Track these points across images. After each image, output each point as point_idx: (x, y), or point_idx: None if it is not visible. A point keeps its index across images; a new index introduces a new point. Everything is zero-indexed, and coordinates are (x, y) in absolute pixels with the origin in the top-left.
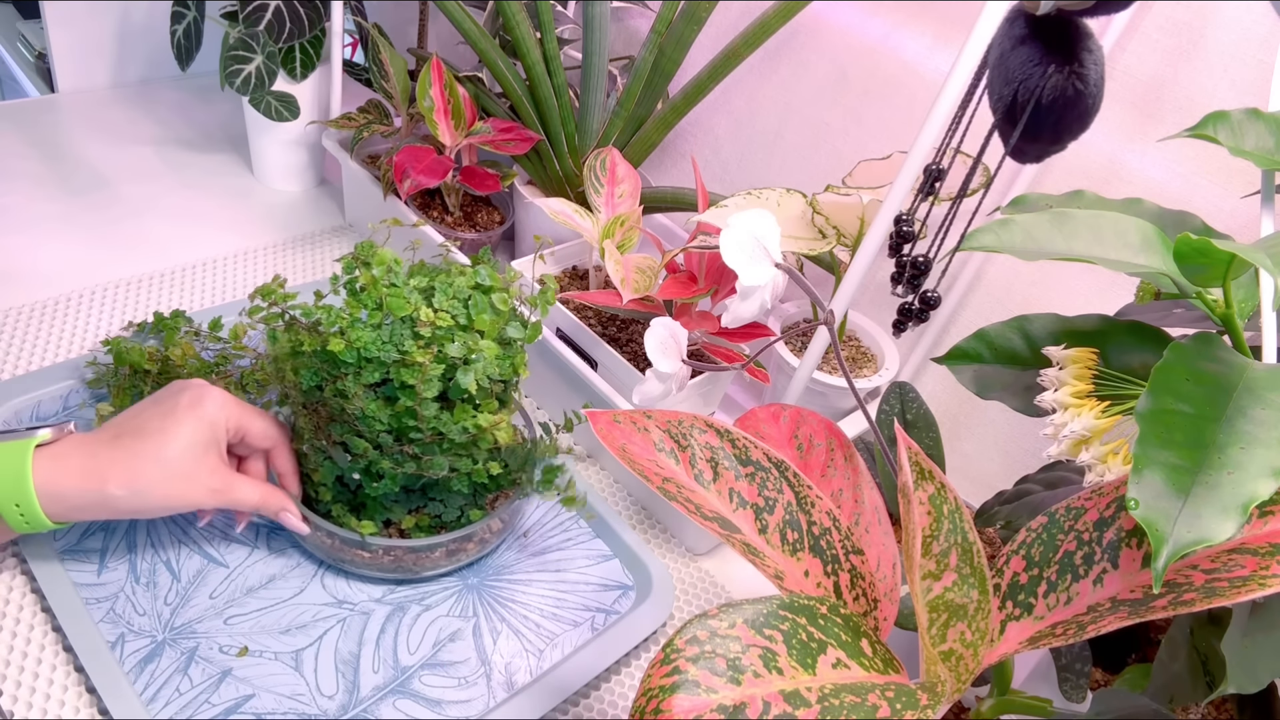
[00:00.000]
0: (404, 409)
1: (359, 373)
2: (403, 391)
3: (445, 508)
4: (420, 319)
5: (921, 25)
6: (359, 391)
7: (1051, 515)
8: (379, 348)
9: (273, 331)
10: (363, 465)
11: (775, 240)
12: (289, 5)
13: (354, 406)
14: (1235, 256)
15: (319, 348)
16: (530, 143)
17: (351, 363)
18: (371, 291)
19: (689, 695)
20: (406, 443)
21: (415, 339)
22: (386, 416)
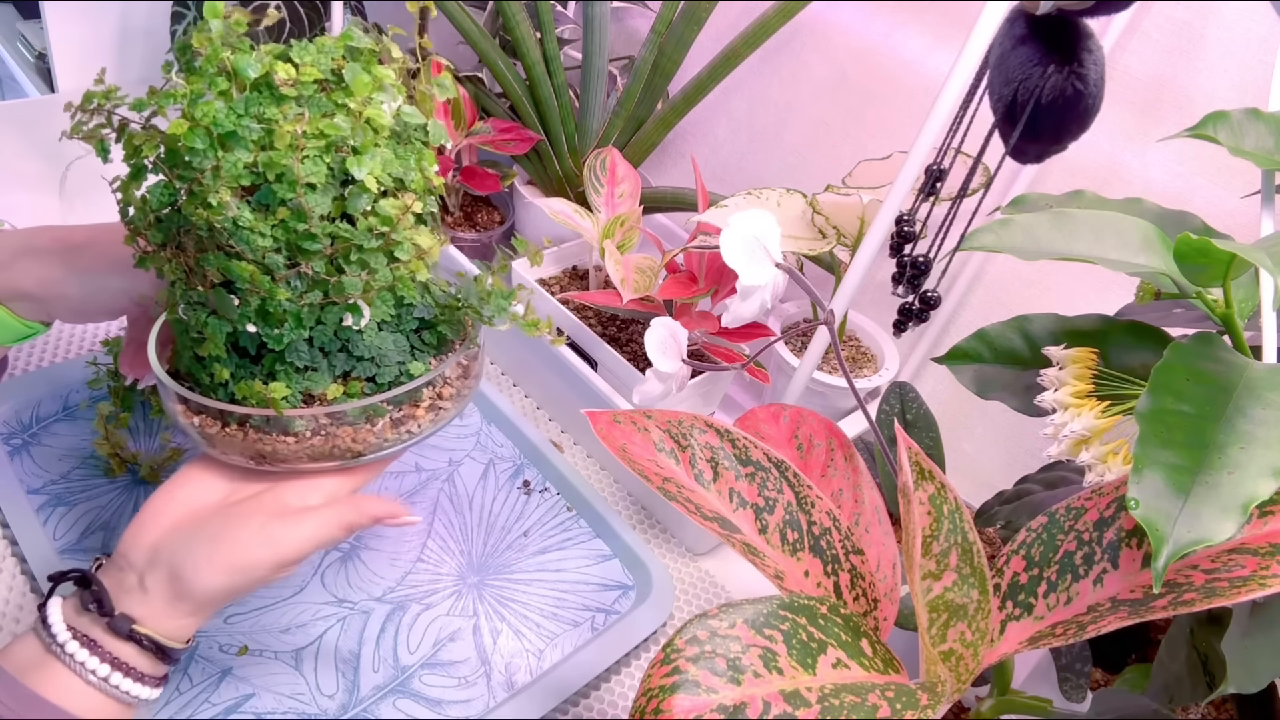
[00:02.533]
0: (289, 212)
1: (218, 167)
2: (279, 185)
3: (379, 367)
4: (279, 76)
5: (921, 25)
6: (225, 194)
7: (1051, 515)
8: (234, 121)
9: (101, 143)
10: (255, 306)
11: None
12: (289, 5)
13: (222, 217)
14: (1235, 256)
15: (167, 148)
16: (530, 143)
17: (204, 149)
18: (211, 57)
19: (689, 695)
20: (302, 260)
21: (278, 103)
22: (269, 227)
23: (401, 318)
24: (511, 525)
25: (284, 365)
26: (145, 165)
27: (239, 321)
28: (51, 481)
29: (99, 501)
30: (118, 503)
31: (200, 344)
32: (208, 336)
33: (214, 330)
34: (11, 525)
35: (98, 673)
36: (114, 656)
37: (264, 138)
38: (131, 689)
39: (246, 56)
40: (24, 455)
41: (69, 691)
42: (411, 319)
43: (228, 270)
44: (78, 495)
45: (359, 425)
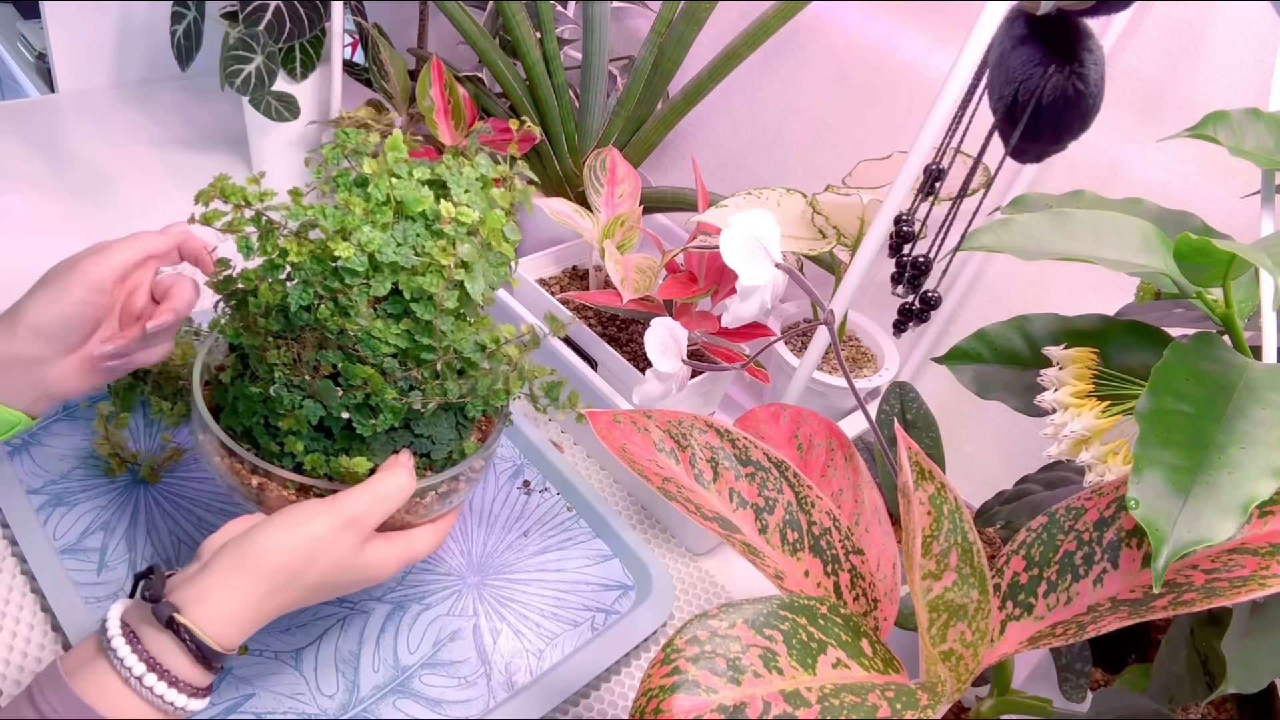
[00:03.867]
0: (416, 325)
1: (368, 283)
2: (419, 304)
3: (434, 444)
4: (443, 214)
5: (921, 25)
6: (365, 307)
7: (1051, 515)
8: (395, 251)
9: (244, 240)
10: (358, 399)
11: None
12: (289, 5)
13: (357, 326)
14: (1235, 256)
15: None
16: (530, 143)
17: (359, 272)
18: (379, 184)
19: (689, 695)
20: (415, 366)
21: (434, 238)
22: (393, 336)
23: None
24: (511, 525)
25: (361, 445)
26: (282, 264)
27: (335, 409)
28: (51, 481)
29: (99, 501)
30: (118, 503)
31: (282, 418)
32: (295, 416)
33: (308, 413)
34: (11, 525)
35: (134, 671)
36: (150, 656)
37: (414, 268)
38: (165, 693)
39: (410, 188)
40: (24, 455)
41: (108, 693)
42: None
43: (346, 370)
44: (78, 495)
45: (414, 500)
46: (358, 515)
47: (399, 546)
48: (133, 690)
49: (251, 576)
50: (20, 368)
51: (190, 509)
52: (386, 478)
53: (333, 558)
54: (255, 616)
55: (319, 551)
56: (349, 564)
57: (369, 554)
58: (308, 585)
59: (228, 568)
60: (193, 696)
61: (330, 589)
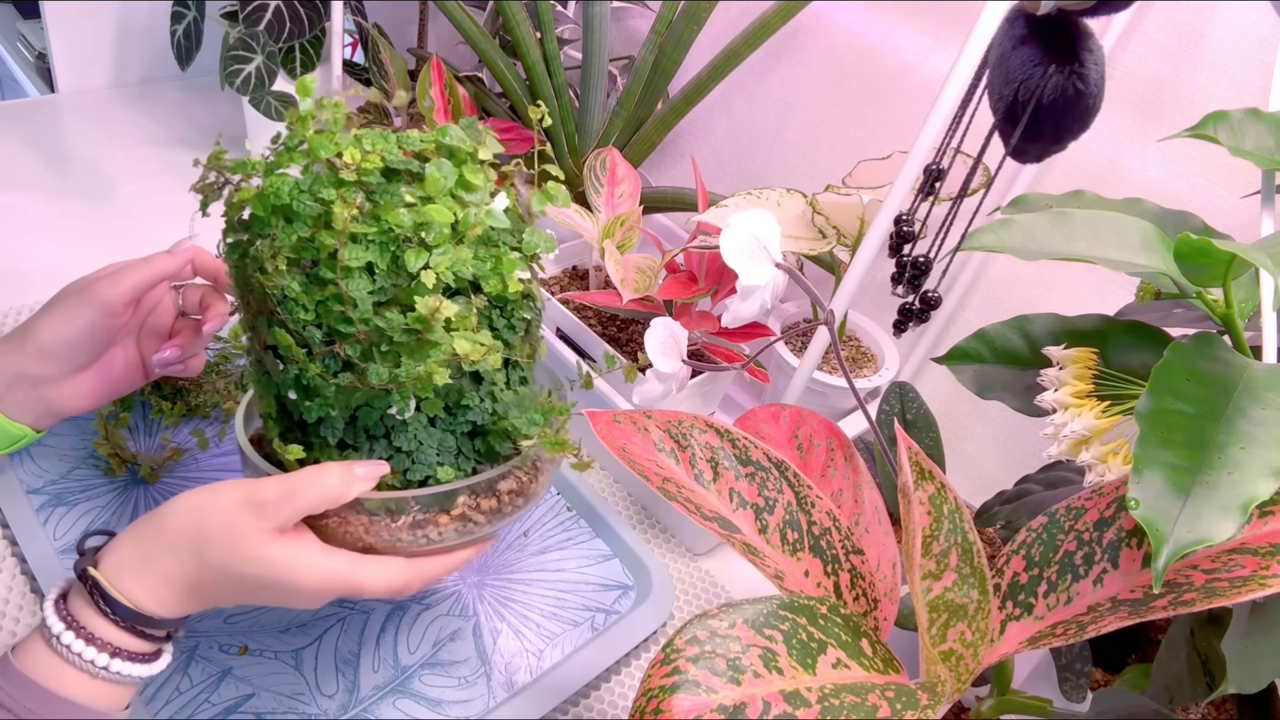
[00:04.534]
0: (332, 293)
1: (274, 237)
2: (325, 265)
3: (412, 463)
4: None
5: (921, 25)
6: (280, 263)
7: (1052, 515)
8: (293, 196)
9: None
10: (293, 375)
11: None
12: (289, 5)
13: (273, 285)
14: (1235, 256)
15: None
16: (530, 143)
17: (266, 218)
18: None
19: (689, 695)
20: (337, 340)
21: (337, 186)
22: (312, 303)
23: (456, 417)
24: (511, 525)
25: (319, 438)
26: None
27: (281, 388)
28: (51, 481)
29: (99, 501)
30: (118, 503)
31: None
32: (262, 393)
33: (264, 389)
34: (11, 525)
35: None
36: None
37: (322, 217)
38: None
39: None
40: (24, 455)
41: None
42: (465, 420)
43: (271, 336)
44: (78, 495)
45: (377, 517)
46: (264, 500)
47: (332, 560)
48: (55, 653)
49: (153, 533)
50: (27, 385)
51: None
52: (310, 472)
53: (229, 537)
54: (164, 580)
55: (212, 522)
56: (250, 553)
57: (279, 550)
58: (211, 564)
59: (138, 526)
60: (116, 657)
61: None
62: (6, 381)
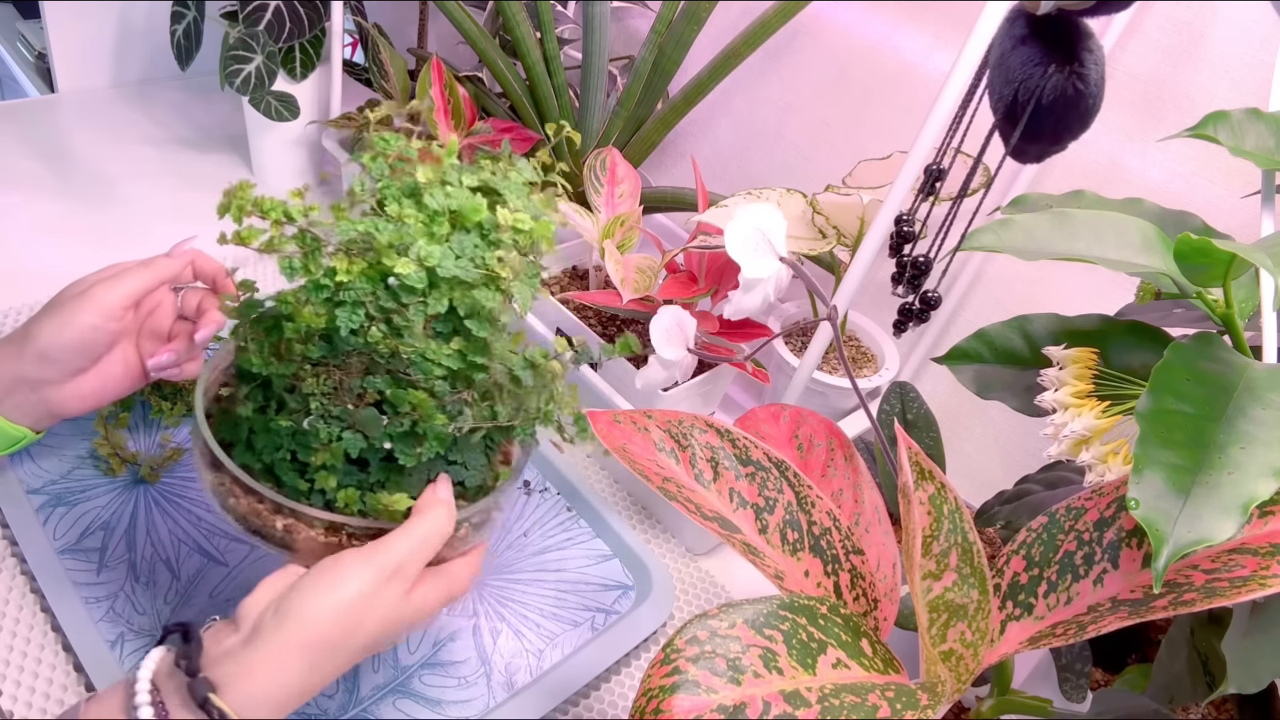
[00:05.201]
0: (469, 343)
1: (425, 302)
2: (474, 320)
3: (468, 471)
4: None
5: (921, 25)
6: (421, 328)
7: (1052, 515)
8: (455, 264)
9: (287, 261)
10: (404, 427)
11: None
12: (289, 5)
13: (411, 348)
14: (1235, 256)
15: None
16: (530, 143)
17: (418, 289)
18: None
19: (689, 695)
20: (465, 387)
21: (490, 248)
22: (445, 357)
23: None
24: (511, 525)
25: (398, 476)
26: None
27: (379, 439)
28: (51, 481)
29: (99, 501)
30: (118, 503)
31: (314, 452)
32: (331, 450)
33: (347, 445)
34: (11, 525)
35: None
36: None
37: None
38: None
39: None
40: (24, 455)
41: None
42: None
43: (395, 396)
44: (78, 495)
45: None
46: (401, 564)
47: (440, 586)
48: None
49: (296, 651)
50: (27, 388)
51: (190, 509)
52: (427, 518)
53: (380, 615)
54: (298, 696)
55: (365, 612)
56: (397, 617)
57: (415, 601)
58: (353, 650)
59: (270, 642)
60: None
61: (375, 647)
62: (6, 384)
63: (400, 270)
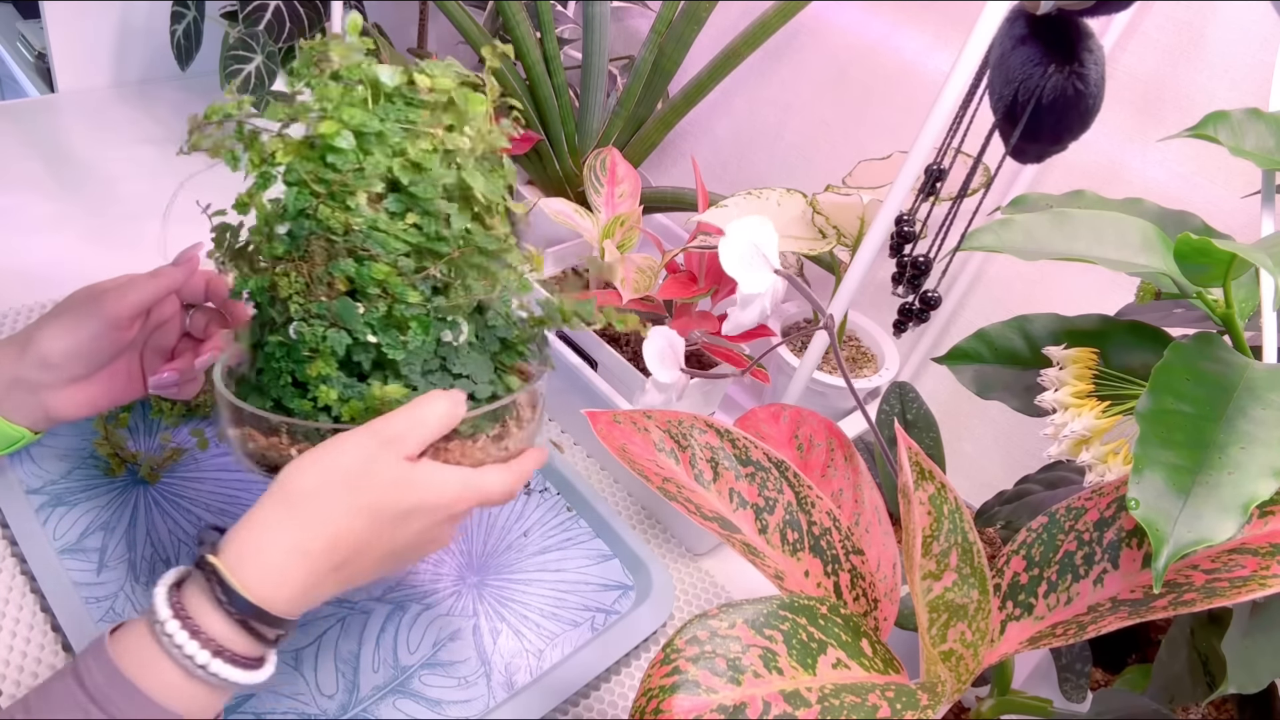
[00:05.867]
0: (420, 216)
1: (361, 169)
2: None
3: (475, 384)
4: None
5: (921, 25)
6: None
7: (1052, 515)
8: (380, 124)
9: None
10: (381, 313)
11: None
12: (289, 5)
13: (360, 220)
14: (1236, 256)
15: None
16: (530, 143)
17: (347, 152)
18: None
19: (689, 695)
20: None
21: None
22: (401, 230)
23: (485, 339)
24: (511, 525)
25: (398, 380)
26: (273, 174)
27: (360, 331)
28: (51, 481)
29: (99, 501)
30: (118, 503)
31: (308, 363)
32: (322, 353)
33: (332, 343)
34: (11, 525)
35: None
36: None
37: (403, 142)
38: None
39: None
40: (24, 455)
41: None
42: (495, 340)
43: (359, 275)
44: (78, 495)
45: (465, 441)
46: (396, 434)
47: (462, 471)
48: (156, 641)
49: (280, 504)
50: (25, 390)
51: (190, 509)
52: (425, 400)
53: (371, 475)
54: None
55: (359, 473)
56: (399, 480)
57: (422, 472)
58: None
59: (261, 504)
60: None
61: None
62: (5, 385)
63: (323, 131)
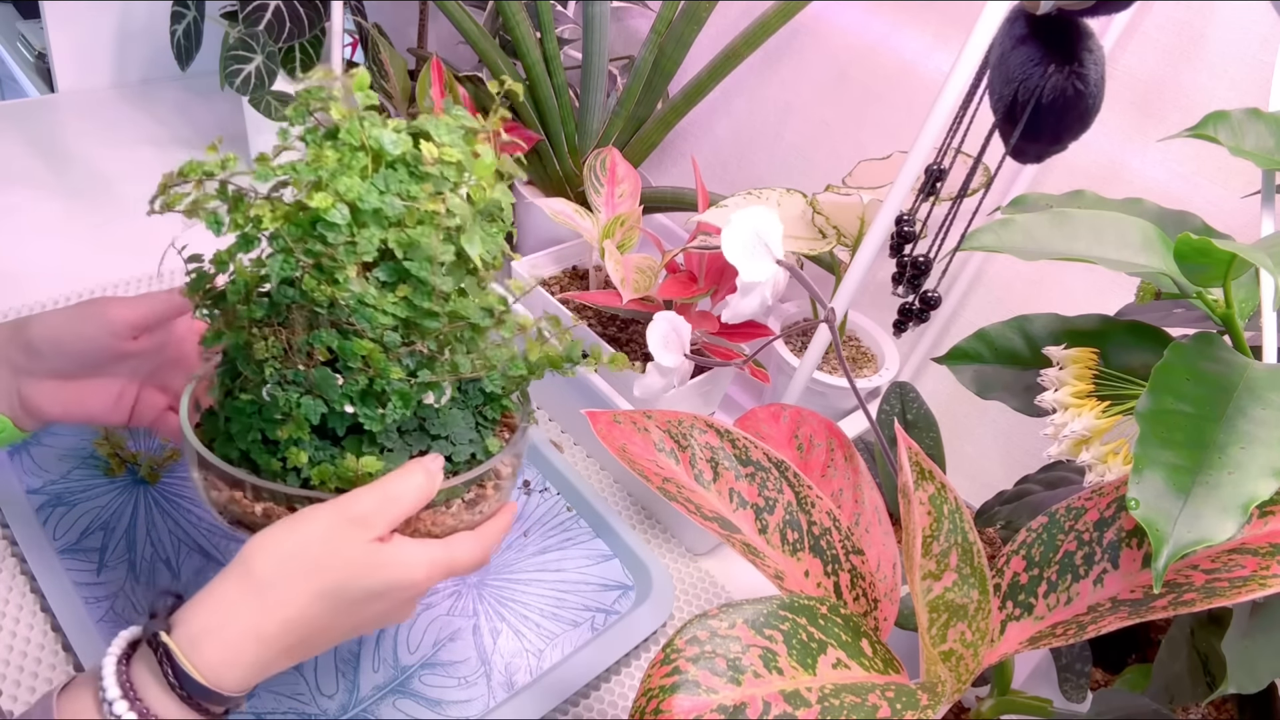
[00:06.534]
0: (414, 289)
1: (353, 241)
2: (414, 262)
3: (454, 445)
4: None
5: (921, 25)
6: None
7: (1052, 515)
8: (379, 198)
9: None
10: (361, 385)
11: (777, 237)
12: (289, 5)
13: (348, 294)
14: (1236, 256)
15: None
16: (530, 143)
17: (340, 226)
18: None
19: (689, 695)
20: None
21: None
22: (389, 304)
23: (468, 393)
24: (511, 525)
25: (372, 448)
26: (259, 237)
27: (338, 402)
28: (51, 481)
29: (99, 501)
30: (118, 503)
31: (279, 426)
32: (294, 418)
33: (306, 411)
34: (11, 525)
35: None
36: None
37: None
38: None
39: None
40: (24, 455)
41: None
42: (477, 393)
43: (342, 349)
44: (78, 495)
45: (438, 509)
46: (364, 514)
47: (430, 548)
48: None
49: (238, 584)
50: (8, 370)
51: (190, 509)
52: (398, 476)
53: (344, 559)
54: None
55: (321, 554)
56: (364, 563)
57: (389, 553)
58: (321, 594)
59: (219, 580)
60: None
61: (354, 603)
62: None
63: (317, 204)
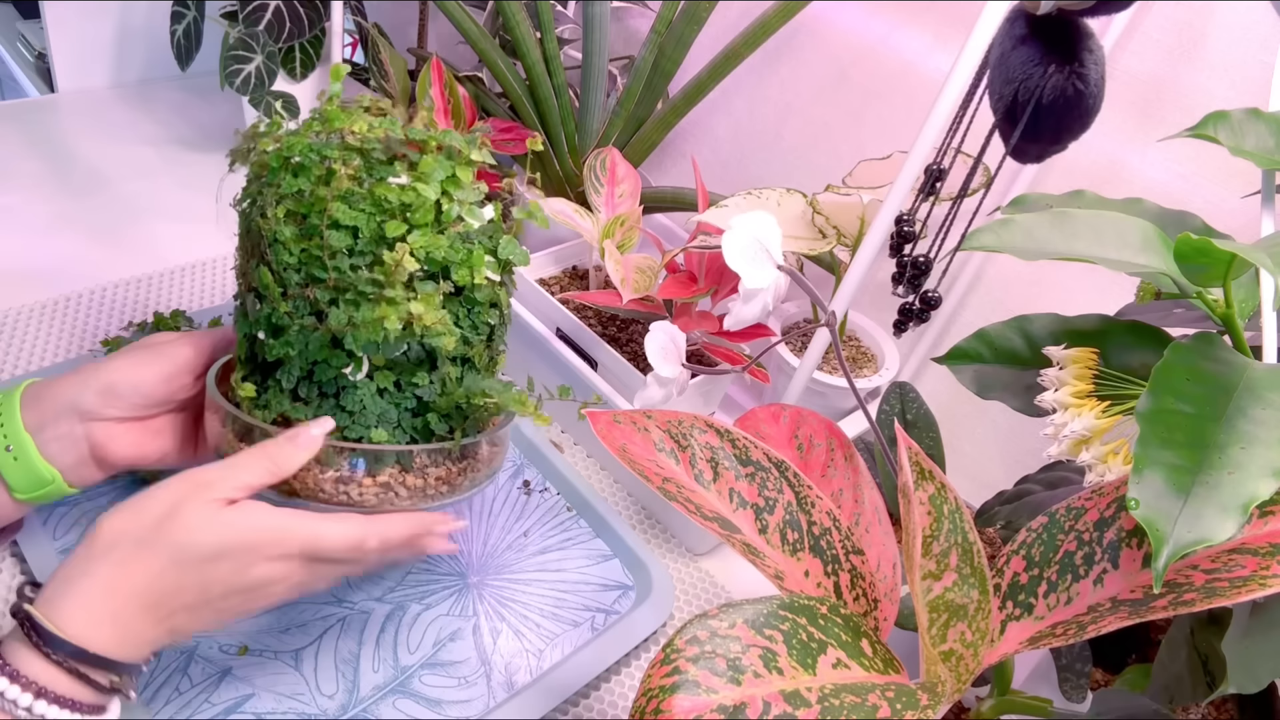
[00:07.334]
0: (316, 244)
1: (279, 185)
2: (313, 214)
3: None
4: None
5: (921, 25)
6: (279, 210)
7: (1052, 515)
8: (304, 153)
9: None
10: (267, 314)
11: (777, 243)
12: (289, 5)
13: (269, 229)
14: (1236, 256)
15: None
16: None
17: (277, 169)
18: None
19: (689, 695)
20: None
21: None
22: (297, 249)
23: (404, 392)
24: (511, 525)
25: (274, 381)
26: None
27: (253, 327)
28: None
29: (99, 502)
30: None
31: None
32: (237, 334)
33: (240, 329)
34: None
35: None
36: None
37: (324, 175)
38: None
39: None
40: None
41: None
42: (411, 396)
43: (256, 277)
44: (78, 495)
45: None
46: (208, 480)
47: (285, 516)
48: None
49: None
50: (75, 418)
51: None
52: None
53: (179, 519)
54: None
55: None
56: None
57: (231, 514)
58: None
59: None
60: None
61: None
62: (54, 412)
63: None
